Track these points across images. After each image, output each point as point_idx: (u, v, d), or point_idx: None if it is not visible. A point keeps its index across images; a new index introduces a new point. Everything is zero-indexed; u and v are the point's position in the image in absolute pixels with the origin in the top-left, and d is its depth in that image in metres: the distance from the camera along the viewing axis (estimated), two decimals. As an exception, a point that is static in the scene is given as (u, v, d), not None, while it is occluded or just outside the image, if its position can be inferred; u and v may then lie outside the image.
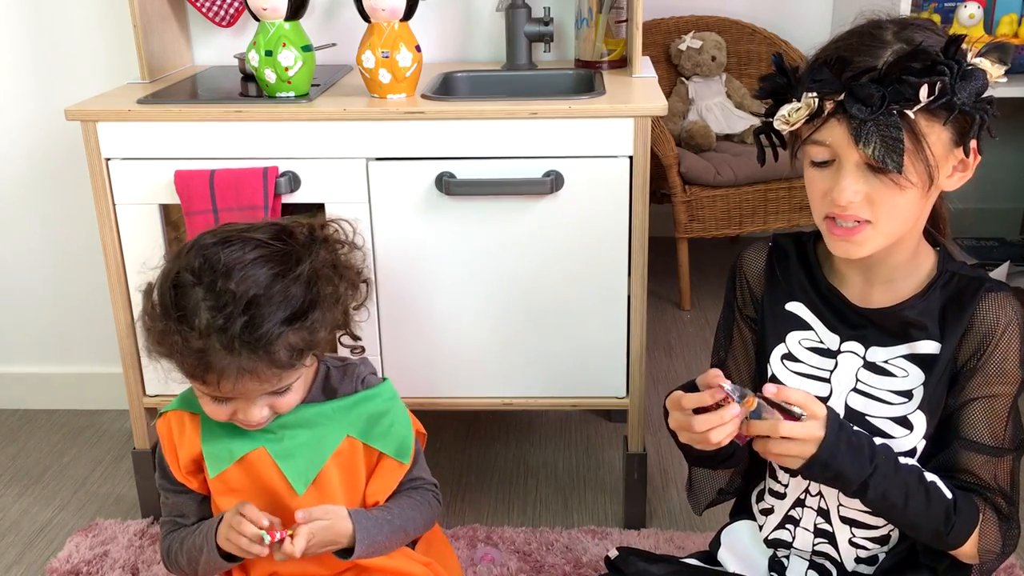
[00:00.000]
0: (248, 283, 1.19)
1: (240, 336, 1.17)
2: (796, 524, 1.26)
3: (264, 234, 1.25)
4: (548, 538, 1.87)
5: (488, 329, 1.80)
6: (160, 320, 1.21)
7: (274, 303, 1.19)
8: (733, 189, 2.80)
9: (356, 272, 1.35)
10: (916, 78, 1.04)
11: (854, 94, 1.06)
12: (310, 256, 1.25)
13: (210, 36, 2.14)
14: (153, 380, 1.87)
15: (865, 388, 1.19)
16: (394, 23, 1.72)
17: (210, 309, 1.18)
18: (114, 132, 1.73)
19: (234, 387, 1.21)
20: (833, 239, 1.14)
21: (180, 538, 1.37)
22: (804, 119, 1.11)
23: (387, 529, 1.33)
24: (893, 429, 1.17)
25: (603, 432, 2.28)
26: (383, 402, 1.38)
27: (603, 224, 1.73)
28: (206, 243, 1.23)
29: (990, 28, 2.80)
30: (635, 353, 1.81)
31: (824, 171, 1.12)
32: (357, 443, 1.35)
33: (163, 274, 1.24)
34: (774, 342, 1.26)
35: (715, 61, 3.08)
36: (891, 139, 1.05)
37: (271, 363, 1.20)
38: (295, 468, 1.32)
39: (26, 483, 2.15)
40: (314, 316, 1.23)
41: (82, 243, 2.25)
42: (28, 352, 2.40)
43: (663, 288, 3.02)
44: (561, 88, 2.05)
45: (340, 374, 1.38)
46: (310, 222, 1.34)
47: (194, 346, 1.18)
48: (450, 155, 1.71)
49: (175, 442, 1.35)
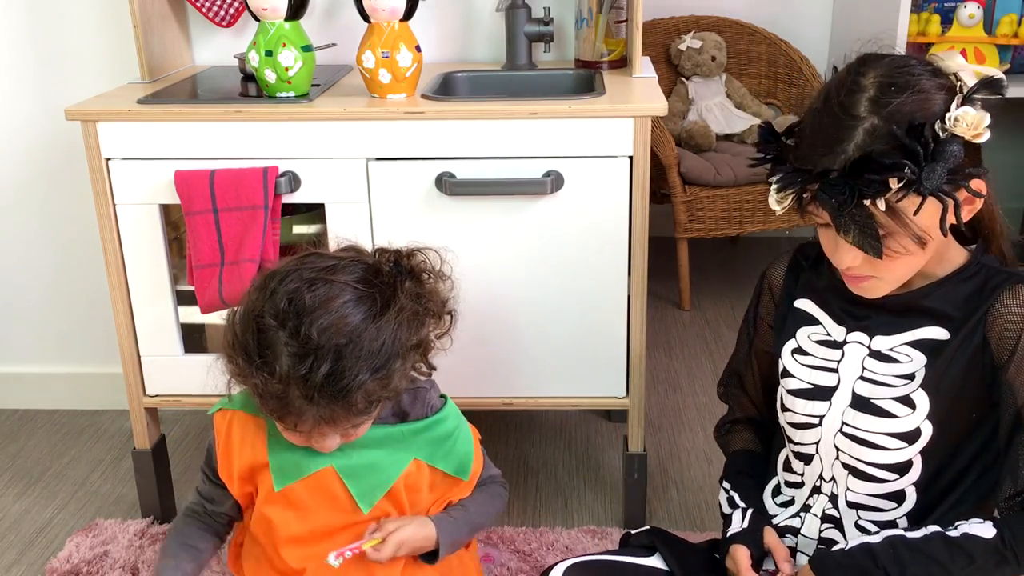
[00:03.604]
0: (332, 332, 1.16)
1: (321, 388, 1.15)
2: (808, 511, 1.28)
3: (350, 275, 1.22)
4: (548, 538, 1.87)
5: (488, 329, 1.80)
6: (242, 359, 1.19)
7: (357, 354, 1.17)
8: (733, 189, 2.80)
9: (442, 302, 1.34)
10: (879, 175, 1.04)
11: (824, 191, 1.08)
12: (396, 299, 1.23)
13: (210, 36, 2.14)
14: (153, 380, 1.87)
15: (871, 375, 1.21)
16: (394, 23, 1.72)
17: (292, 356, 1.15)
18: (114, 132, 1.73)
19: (311, 430, 1.22)
20: (847, 282, 1.20)
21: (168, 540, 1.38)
22: (791, 205, 1.15)
23: (465, 529, 1.38)
24: (896, 408, 1.18)
25: (603, 432, 2.28)
26: (450, 425, 1.39)
27: (603, 224, 1.73)
28: (291, 284, 1.20)
29: (990, 28, 2.80)
30: (635, 353, 1.81)
31: (827, 231, 1.15)
32: (423, 464, 1.36)
33: (246, 310, 1.21)
34: (786, 338, 1.30)
35: (715, 61, 3.08)
36: (867, 228, 1.08)
37: (348, 412, 1.19)
38: (362, 487, 1.32)
39: (26, 483, 2.15)
40: (395, 366, 1.21)
41: (82, 243, 2.25)
42: (28, 352, 2.40)
43: (663, 288, 3.02)
44: (561, 88, 2.05)
45: (411, 397, 1.37)
46: (396, 251, 1.31)
47: (274, 391, 1.16)
48: (450, 155, 1.71)
49: (234, 445, 1.34)
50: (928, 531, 1.14)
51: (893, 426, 1.18)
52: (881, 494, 1.22)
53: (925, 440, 1.17)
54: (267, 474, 1.32)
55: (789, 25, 3.23)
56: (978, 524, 1.13)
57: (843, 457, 1.23)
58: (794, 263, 1.34)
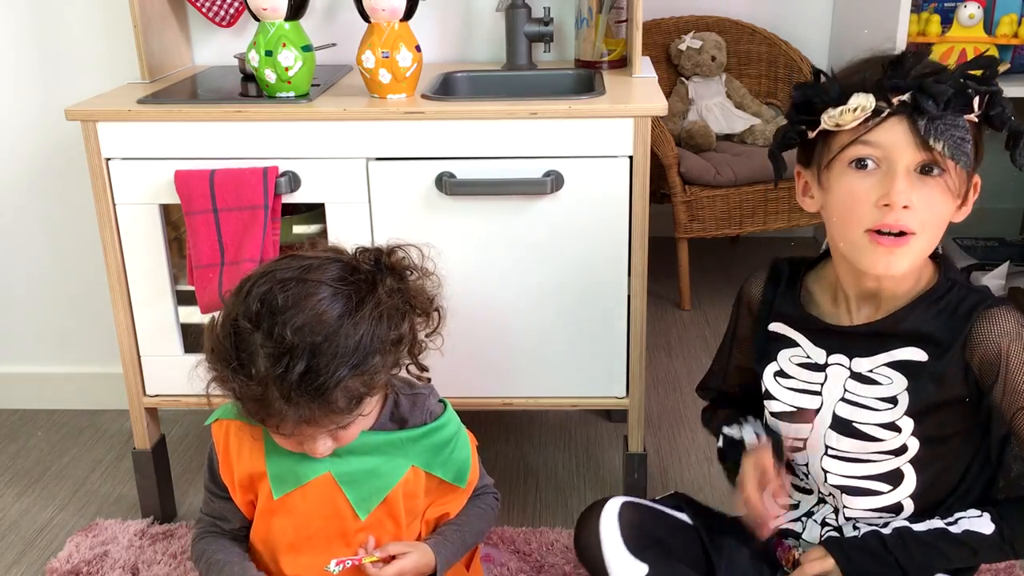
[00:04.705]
0: (307, 330, 1.15)
1: (297, 386, 1.14)
2: (810, 517, 1.28)
3: (325, 274, 1.21)
4: (548, 538, 1.87)
5: (488, 329, 1.80)
6: (220, 364, 1.19)
7: (333, 351, 1.16)
8: (733, 189, 2.80)
9: (427, 300, 1.32)
10: (976, 86, 1.06)
11: (926, 90, 1.05)
12: (374, 294, 1.22)
13: (210, 36, 2.14)
14: (153, 380, 1.87)
15: (852, 397, 1.21)
16: (394, 23, 1.72)
17: (268, 356, 1.15)
18: (114, 132, 1.73)
19: (293, 431, 1.21)
20: (877, 252, 1.11)
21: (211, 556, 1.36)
22: (859, 120, 1.09)
23: (461, 549, 1.39)
24: (880, 433, 1.18)
25: (603, 432, 2.28)
26: (449, 432, 1.39)
27: (603, 224, 1.73)
28: (264, 286, 1.19)
29: (990, 28, 2.80)
30: (635, 353, 1.81)
31: (869, 178, 1.10)
32: (420, 471, 1.36)
33: (223, 316, 1.21)
34: (766, 361, 1.29)
35: (715, 61, 3.08)
36: (958, 138, 1.06)
37: (329, 411, 1.18)
38: (359, 494, 1.32)
39: (26, 483, 2.15)
40: (374, 362, 1.19)
41: (82, 243, 2.25)
42: (28, 352, 2.40)
43: (663, 288, 3.02)
44: (561, 88, 2.05)
45: (409, 403, 1.37)
46: (377, 248, 1.30)
47: (253, 393, 1.16)
48: (450, 155, 1.71)
49: (232, 454, 1.34)
50: (931, 526, 1.17)
51: (878, 446, 1.19)
52: (879, 507, 1.22)
53: (913, 452, 1.19)
54: (266, 482, 1.32)
55: (789, 25, 3.23)
56: (977, 519, 1.16)
57: (832, 479, 1.23)
58: (772, 279, 1.33)
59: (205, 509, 1.41)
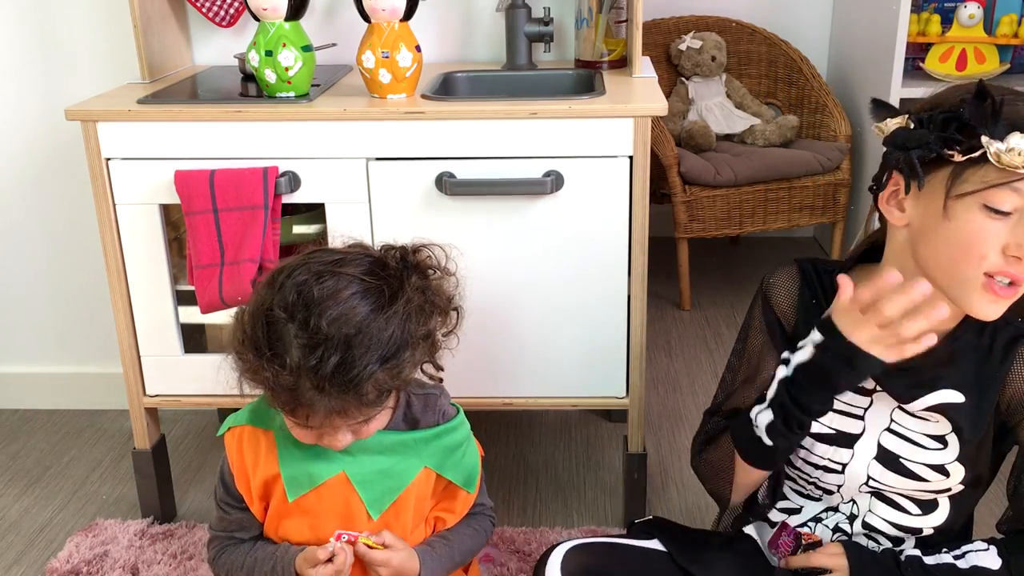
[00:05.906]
0: (341, 322, 1.16)
1: (331, 378, 1.15)
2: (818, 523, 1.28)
3: (358, 268, 1.22)
4: (548, 538, 1.87)
5: (488, 329, 1.80)
6: (252, 353, 1.19)
7: (367, 344, 1.16)
8: (733, 189, 2.80)
9: (447, 299, 1.33)
10: None
11: None
12: (404, 291, 1.23)
13: (210, 36, 2.14)
14: (153, 380, 1.88)
15: (899, 429, 1.18)
16: (394, 23, 1.72)
17: (302, 347, 1.15)
18: (114, 132, 1.73)
19: (322, 423, 1.21)
20: (986, 298, 1.05)
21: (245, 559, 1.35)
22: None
23: (448, 564, 1.37)
24: (929, 474, 1.17)
25: (603, 432, 2.28)
26: (460, 435, 1.39)
27: (603, 224, 1.73)
28: (300, 277, 1.20)
29: (990, 28, 2.80)
30: (635, 353, 1.81)
31: (1000, 221, 1.02)
32: (432, 473, 1.36)
33: (255, 306, 1.21)
34: None
35: (715, 61, 3.08)
36: None
37: (360, 403, 1.19)
38: (372, 494, 1.32)
39: (26, 483, 2.15)
40: (404, 356, 1.20)
41: (82, 243, 2.25)
42: (28, 352, 2.40)
43: (663, 288, 3.02)
44: (561, 88, 2.05)
45: (422, 404, 1.37)
46: (403, 246, 1.31)
47: (285, 383, 1.16)
48: (450, 155, 1.71)
49: (247, 461, 1.34)
50: (941, 560, 1.16)
51: (924, 486, 1.18)
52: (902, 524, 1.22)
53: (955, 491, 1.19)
54: (279, 485, 1.32)
55: (789, 25, 3.23)
56: (984, 552, 1.15)
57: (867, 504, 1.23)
58: (804, 283, 1.22)
59: (219, 526, 1.40)
